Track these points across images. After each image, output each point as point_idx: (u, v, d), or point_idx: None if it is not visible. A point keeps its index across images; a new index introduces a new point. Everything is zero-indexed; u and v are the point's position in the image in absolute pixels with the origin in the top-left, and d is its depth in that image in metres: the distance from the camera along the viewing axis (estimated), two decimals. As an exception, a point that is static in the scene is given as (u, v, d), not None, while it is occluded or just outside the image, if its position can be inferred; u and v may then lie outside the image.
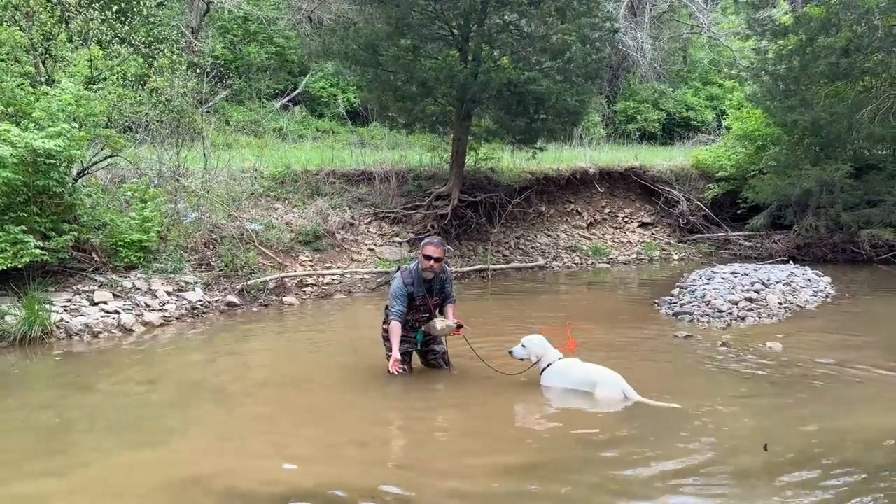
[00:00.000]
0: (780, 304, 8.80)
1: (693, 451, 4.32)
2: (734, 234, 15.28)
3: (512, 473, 4.10)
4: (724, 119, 18.86)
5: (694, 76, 26.29)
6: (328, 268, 11.02)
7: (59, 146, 7.52)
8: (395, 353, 5.54)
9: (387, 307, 5.92)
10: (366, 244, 12.06)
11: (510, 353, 5.73)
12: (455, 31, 11.95)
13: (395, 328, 5.63)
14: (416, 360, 6.10)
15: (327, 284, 10.60)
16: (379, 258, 11.71)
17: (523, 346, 5.68)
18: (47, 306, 7.45)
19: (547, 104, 11.61)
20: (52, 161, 7.63)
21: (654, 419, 4.92)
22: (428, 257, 5.67)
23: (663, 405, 5.10)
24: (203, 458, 4.38)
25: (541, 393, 5.54)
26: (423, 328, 5.83)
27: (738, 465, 4.14)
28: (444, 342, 6.04)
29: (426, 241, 5.83)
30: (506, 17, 11.96)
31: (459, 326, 5.77)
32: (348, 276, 10.87)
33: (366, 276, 10.99)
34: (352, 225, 12.28)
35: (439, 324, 5.73)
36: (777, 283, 9.61)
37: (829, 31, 13.05)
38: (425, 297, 5.81)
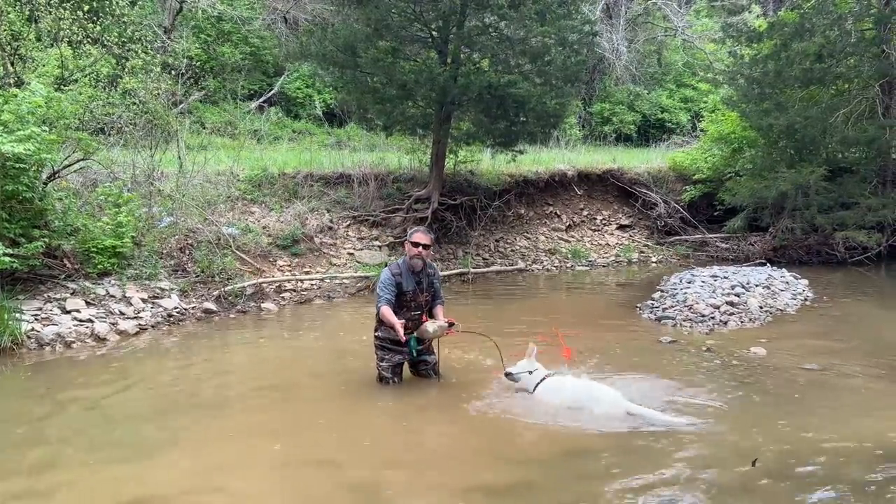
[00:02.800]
0: (761, 307, 8.84)
1: (675, 466, 4.26)
2: (711, 236, 15.37)
3: (494, 493, 4.05)
4: (699, 122, 19.00)
5: (668, 78, 26.52)
6: (307, 272, 10.85)
7: (29, 150, 7.29)
8: (398, 323, 5.51)
9: (378, 313, 5.81)
10: (345, 248, 11.91)
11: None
12: (434, 33, 11.86)
13: (387, 310, 5.57)
14: (405, 369, 6.00)
15: (306, 290, 10.43)
16: (358, 262, 11.57)
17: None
18: (17, 315, 7.19)
19: (527, 107, 11.56)
20: (21, 165, 7.40)
21: (638, 433, 4.85)
22: (416, 244, 5.67)
23: (673, 420, 5.00)
24: (172, 476, 4.24)
25: (529, 406, 5.43)
26: (415, 333, 5.69)
27: (719, 479, 4.09)
28: (437, 352, 5.95)
29: (413, 229, 5.92)
30: (485, 19, 11.87)
31: (451, 325, 5.70)
32: (328, 280, 10.71)
33: (345, 280, 10.83)
34: (330, 229, 12.11)
35: (430, 326, 5.63)
36: (756, 286, 9.65)
37: (803, 36, 13.24)
38: (415, 290, 5.74)
